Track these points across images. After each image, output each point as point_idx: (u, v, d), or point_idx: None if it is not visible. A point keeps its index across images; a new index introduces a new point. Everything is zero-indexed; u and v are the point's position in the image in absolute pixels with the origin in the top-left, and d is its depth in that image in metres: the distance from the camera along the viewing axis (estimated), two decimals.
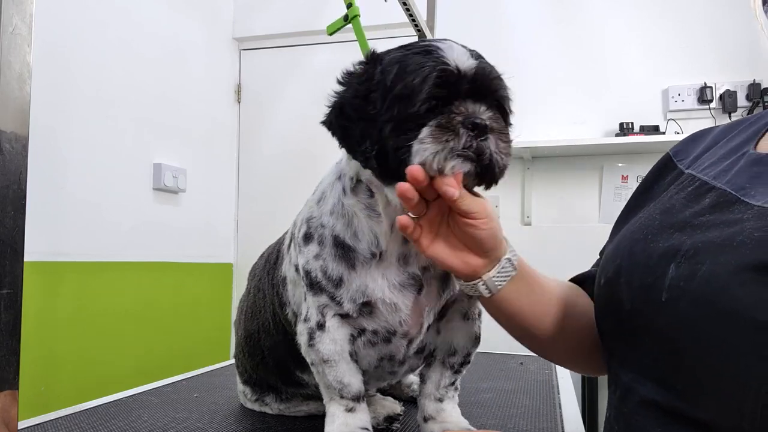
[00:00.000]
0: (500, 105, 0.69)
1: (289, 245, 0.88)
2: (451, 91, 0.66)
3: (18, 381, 0.75)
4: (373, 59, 0.72)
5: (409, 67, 0.67)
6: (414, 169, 0.63)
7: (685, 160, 0.70)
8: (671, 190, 0.67)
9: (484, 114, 0.65)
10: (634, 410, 0.59)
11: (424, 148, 0.64)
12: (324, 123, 0.74)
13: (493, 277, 0.70)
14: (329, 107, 0.73)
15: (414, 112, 0.65)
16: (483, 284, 0.70)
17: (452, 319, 0.86)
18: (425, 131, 0.64)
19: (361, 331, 0.81)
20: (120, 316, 2.18)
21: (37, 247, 1.82)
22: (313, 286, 0.79)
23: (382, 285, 0.76)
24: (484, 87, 0.67)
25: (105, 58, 2.13)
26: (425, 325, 0.82)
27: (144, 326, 2.30)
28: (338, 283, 0.77)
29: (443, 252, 0.69)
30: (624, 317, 0.61)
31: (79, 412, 1.10)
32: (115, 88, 2.18)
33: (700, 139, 0.73)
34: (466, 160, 0.64)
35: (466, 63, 0.66)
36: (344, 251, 0.77)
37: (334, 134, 0.73)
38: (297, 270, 0.83)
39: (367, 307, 0.78)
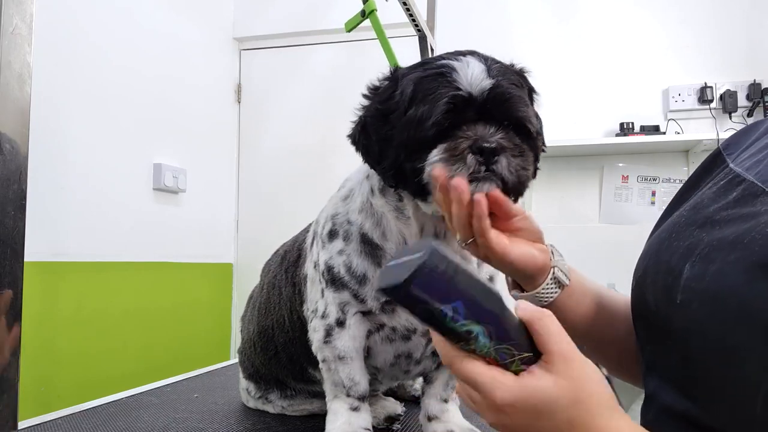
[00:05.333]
0: (518, 123, 0.69)
1: (312, 244, 0.89)
2: (460, 116, 0.66)
3: (18, 381, 0.75)
4: (395, 77, 0.72)
5: (421, 92, 0.68)
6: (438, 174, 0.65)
7: (733, 153, 0.66)
8: (709, 184, 0.63)
9: (492, 137, 0.66)
10: (656, 418, 0.58)
11: (432, 167, 0.66)
12: (349, 137, 0.75)
13: (558, 259, 0.72)
14: (354, 122, 0.74)
15: (423, 138, 0.66)
16: (558, 270, 0.71)
17: None
18: (434, 154, 0.66)
19: (380, 327, 0.81)
20: (120, 316, 2.17)
21: (37, 247, 1.81)
22: (335, 282, 0.79)
23: None
24: (496, 109, 0.67)
25: (105, 58, 2.13)
26: None
27: (144, 326, 2.29)
28: (362, 279, 0.78)
29: (524, 249, 0.69)
30: (651, 320, 0.60)
31: (80, 412, 1.10)
32: (116, 88, 2.18)
33: (750, 132, 0.69)
34: (482, 182, 0.65)
35: (479, 85, 0.66)
36: (372, 249, 0.78)
37: (357, 150, 0.75)
38: (315, 267, 0.84)
39: (391, 304, 0.78)
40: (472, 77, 0.67)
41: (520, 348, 0.48)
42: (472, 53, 0.71)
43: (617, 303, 0.75)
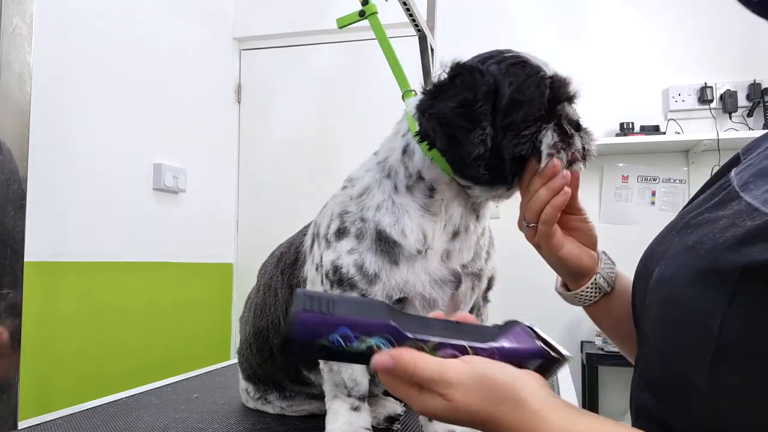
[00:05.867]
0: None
1: (311, 246, 0.88)
2: (555, 96, 0.72)
3: (18, 381, 0.75)
4: (469, 70, 0.73)
5: (518, 77, 0.71)
6: (555, 163, 0.70)
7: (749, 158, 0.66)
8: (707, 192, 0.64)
9: (576, 114, 0.74)
10: (635, 417, 0.59)
11: (551, 153, 0.71)
12: (420, 133, 0.75)
13: (604, 267, 0.76)
14: (427, 116, 0.73)
15: (533, 118, 0.70)
16: (600, 277, 0.76)
17: None
18: (549, 135, 0.71)
19: None
20: (120, 316, 2.17)
21: (37, 247, 1.81)
22: (342, 282, 0.79)
23: (423, 280, 0.78)
24: (569, 92, 0.74)
25: (105, 57, 2.13)
26: None
27: (144, 326, 2.29)
28: (373, 279, 0.77)
29: (573, 249, 0.74)
30: (636, 323, 0.62)
31: (80, 412, 1.09)
32: (115, 88, 2.18)
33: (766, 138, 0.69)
34: (582, 159, 0.74)
35: (552, 70, 0.74)
36: (388, 246, 0.78)
37: (434, 143, 0.74)
38: (318, 269, 0.83)
39: (400, 303, 0.78)
40: (543, 65, 0.73)
41: (423, 338, 0.52)
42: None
43: None
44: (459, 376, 0.48)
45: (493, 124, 0.70)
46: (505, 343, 0.51)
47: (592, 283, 0.75)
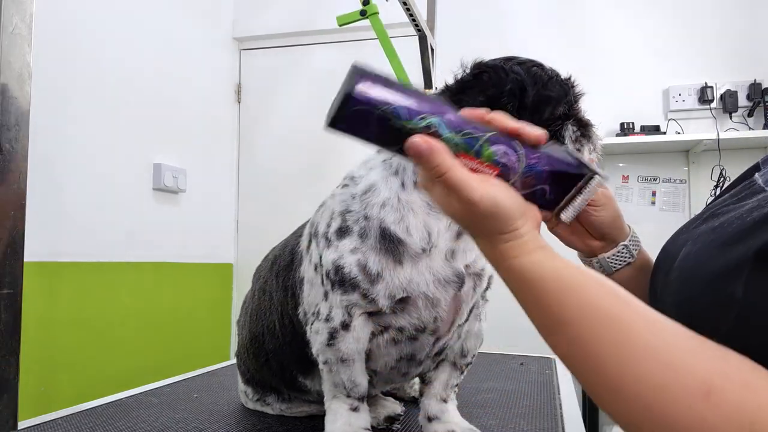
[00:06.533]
0: None
1: (308, 246, 0.87)
2: (573, 96, 0.78)
3: (18, 381, 0.75)
4: (493, 68, 0.76)
5: (541, 77, 0.76)
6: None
7: None
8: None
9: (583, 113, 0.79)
10: None
11: (577, 147, 0.76)
12: None
13: (608, 258, 0.80)
14: None
15: (556, 115, 0.75)
16: (597, 262, 0.81)
17: (470, 321, 0.86)
18: (570, 130, 0.76)
19: (384, 329, 0.81)
20: (120, 316, 2.17)
21: (36, 247, 1.81)
22: (344, 283, 0.77)
23: (427, 279, 0.77)
24: (579, 91, 0.79)
25: (105, 57, 2.13)
26: (456, 323, 0.82)
27: (144, 326, 2.30)
28: (376, 278, 0.76)
29: (565, 233, 0.81)
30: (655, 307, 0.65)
31: (79, 412, 1.09)
32: (115, 88, 2.18)
33: None
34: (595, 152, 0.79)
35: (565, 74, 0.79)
36: (393, 245, 0.76)
37: None
38: (317, 269, 0.82)
39: (402, 303, 0.77)
40: (556, 70, 0.78)
41: (479, 130, 0.52)
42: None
43: None
44: (480, 197, 0.52)
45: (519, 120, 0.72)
46: (552, 153, 0.55)
47: (596, 262, 0.81)
